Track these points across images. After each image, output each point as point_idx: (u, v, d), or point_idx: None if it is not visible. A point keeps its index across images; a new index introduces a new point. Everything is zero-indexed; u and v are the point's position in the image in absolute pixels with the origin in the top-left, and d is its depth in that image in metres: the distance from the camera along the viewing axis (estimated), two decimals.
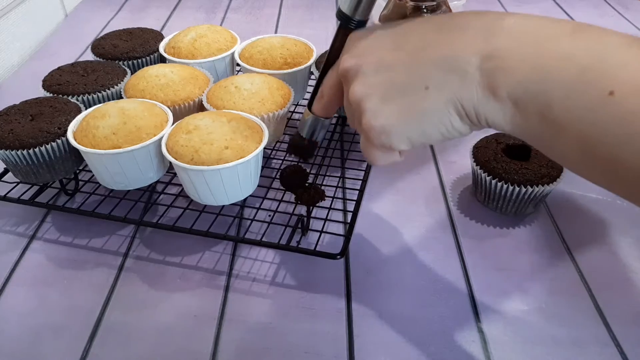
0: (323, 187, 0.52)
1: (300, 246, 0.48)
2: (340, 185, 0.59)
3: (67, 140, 0.50)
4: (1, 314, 0.46)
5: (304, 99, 0.66)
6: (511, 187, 0.51)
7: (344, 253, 0.48)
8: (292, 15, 1.03)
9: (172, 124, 0.51)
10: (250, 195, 0.51)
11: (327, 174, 0.59)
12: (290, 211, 0.54)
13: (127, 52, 0.66)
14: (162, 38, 0.69)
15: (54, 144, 0.51)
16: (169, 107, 0.54)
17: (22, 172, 0.52)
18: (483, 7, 0.85)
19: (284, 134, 0.61)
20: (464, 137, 0.32)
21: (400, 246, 0.52)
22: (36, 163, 0.51)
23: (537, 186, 0.51)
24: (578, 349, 0.42)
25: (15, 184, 0.56)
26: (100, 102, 0.58)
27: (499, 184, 0.52)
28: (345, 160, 0.62)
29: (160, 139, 0.50)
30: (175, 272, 0.50)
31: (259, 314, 0.46)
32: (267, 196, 0.55)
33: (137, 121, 0.50)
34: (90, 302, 0.47)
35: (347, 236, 0.49)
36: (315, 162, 0.60)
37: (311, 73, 0.64)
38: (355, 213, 0.52)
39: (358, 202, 0.53)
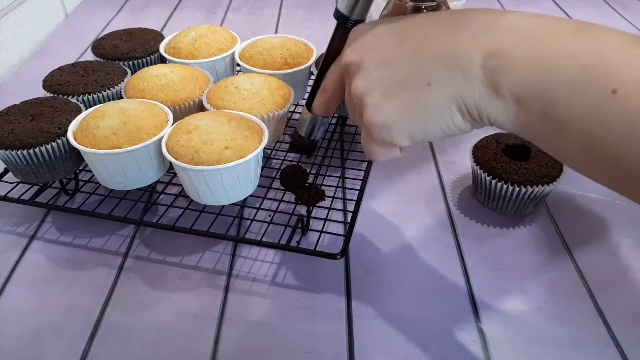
0: (323, 187, 0.52)
1: (300, 246, 0.48)
2: (340, 185, 0.59)
3: (67, 140, 0.51)
4: (1, 314, 0.46)
5: (303, 99, 0.66)
6: (511, 187, 0.51)
7: (344, 253, 0.48)
8: (292, 16, 1.03)
9: (172, 124, 0.51)
10: (250, 195, 0.51)
11: (327, 174, 0.59)
12: (290, 211, 0.54)
13: (127, 53, 0.66)
14: (163, 38, 0.69)
15: (54, 144, 0.51)
16: (169, 107, 0.54)
17: (22, 172, 0.52)
18: (483, 7, 0.85)
19: (284, 134, 0.61)
20: (464, 137, 0.32)
21: (400, 246, 0.52)
22: (36, 163, 0.51)
23: (537, 186, 0.51)
24: (578, 349, 0.42)
25: (16, 184, 0.56)
26: (100, 102, 0.58)
27: (499, 184, 0.52)
28: (345, 160, 0.62)
29: (160, 139, 0.50)
30: (175, 272, 0.50)
31: (259, 314, 0.46)
32: (267, 196, 0.55)
33: (137, 121, 0.50)
34: (90, 302, 0.47)
35: (347, 236, 0.49)
36: (315, 162, 0.60)
37: (311, 73, 0.64)
38: (355, 213, 0.52)
39: (358, 202, 0.53)
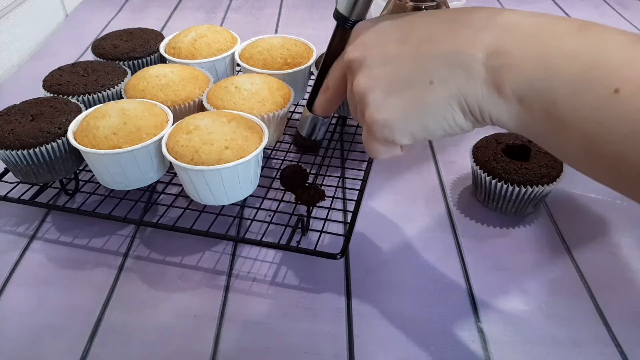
0: (323, 187, 0.52)
1: (300, 246, 0.48)
2: (340, 185, 0.59)
3: (68, 140, 0.51)
4: (1, 314, 0.46)
5: (304, 99, 0.66)
6: (511, 187, 0.51)
7: (344, 253, 0.48)
8: (292, 16, 1.03)
9: (172, 124, 0.51)
10: (250, 195, 0.51)
11: (327, 174, 0.59)
12: (290, 211, 0.54)
13: (127, 53, 0.66)
14: (163, 38, 0.69)
15: (54, 144, 0.51)
16: (169, 107, 0.54)
17: (22, 172, 0.52)
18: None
19: (284, 134, 0.61)
20: (464, 137, 0.32)
21: (401, 246, 0.52)
22: (36, 163, 0.51)
23: (537, 186, 0.51)
24: (578, 349, 0.42)
25: (16, 184, 0.56)
26: (100, 102, 0.58)
27: (499, 184, 0.52)
28: (345, 160, 0.62)
29: (160, 139, 0.50)
30: (175, 272, 0.50)
31: (259, 314, 0.46)
32: (267, 196, 0.55)
33: (137, 121, 0.50)
34: (90, 302, 0.47)
35: (347, 236, 0.49)
36: (315, 162, 0.60)
37: (311, 73, 0.64)
38: (355, 213, 0.52)
39: (358, 202, 0.53)
